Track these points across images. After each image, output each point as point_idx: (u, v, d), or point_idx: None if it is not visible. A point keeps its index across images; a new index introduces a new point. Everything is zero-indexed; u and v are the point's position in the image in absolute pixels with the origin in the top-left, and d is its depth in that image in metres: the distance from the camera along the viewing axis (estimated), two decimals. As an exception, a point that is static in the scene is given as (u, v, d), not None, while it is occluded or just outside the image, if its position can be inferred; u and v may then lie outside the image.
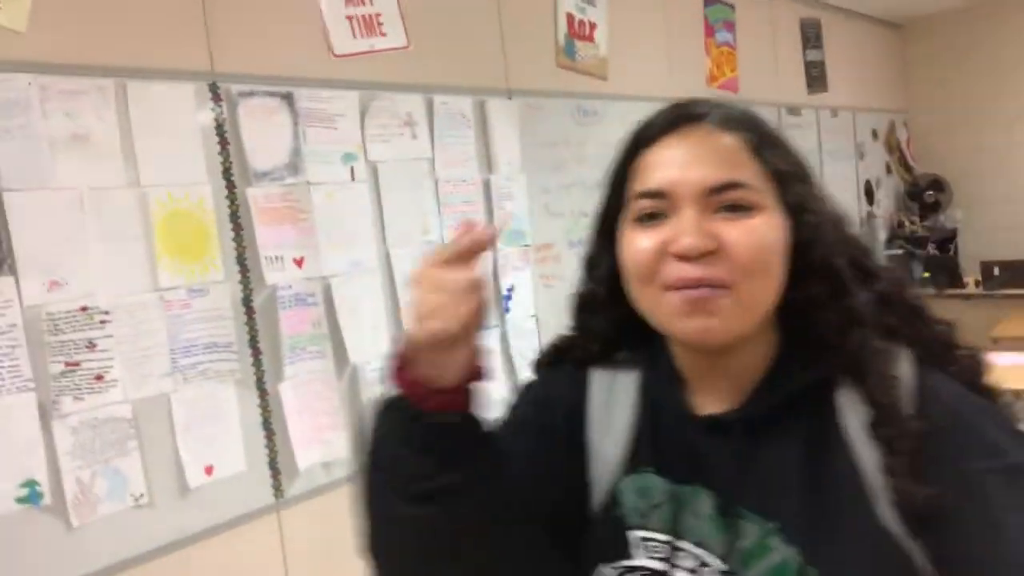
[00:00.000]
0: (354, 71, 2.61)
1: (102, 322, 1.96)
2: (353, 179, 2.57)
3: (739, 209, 0.69)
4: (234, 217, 2.26)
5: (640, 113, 0.82)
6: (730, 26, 4.56)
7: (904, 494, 0.64)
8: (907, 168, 6.55)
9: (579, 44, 3.56)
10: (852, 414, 0.70)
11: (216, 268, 2.20)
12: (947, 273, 5.13)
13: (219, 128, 2.25)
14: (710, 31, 4.42)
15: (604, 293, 0.80)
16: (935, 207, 6.26)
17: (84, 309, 1.94)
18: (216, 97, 2.25)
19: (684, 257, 0.68)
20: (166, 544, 2.06)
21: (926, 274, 5.23)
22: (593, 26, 3.63)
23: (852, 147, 5.86)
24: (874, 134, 6.16)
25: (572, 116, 3.48)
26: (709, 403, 0.77)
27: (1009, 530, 0.62)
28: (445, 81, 2.90)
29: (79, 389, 1.91)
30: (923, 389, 0.69)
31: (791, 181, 0.72)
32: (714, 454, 0.73)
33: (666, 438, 0.77)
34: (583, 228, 0.88)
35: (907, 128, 6.59)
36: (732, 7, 4.56)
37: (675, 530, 0.73)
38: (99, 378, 1.95)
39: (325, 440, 2.43)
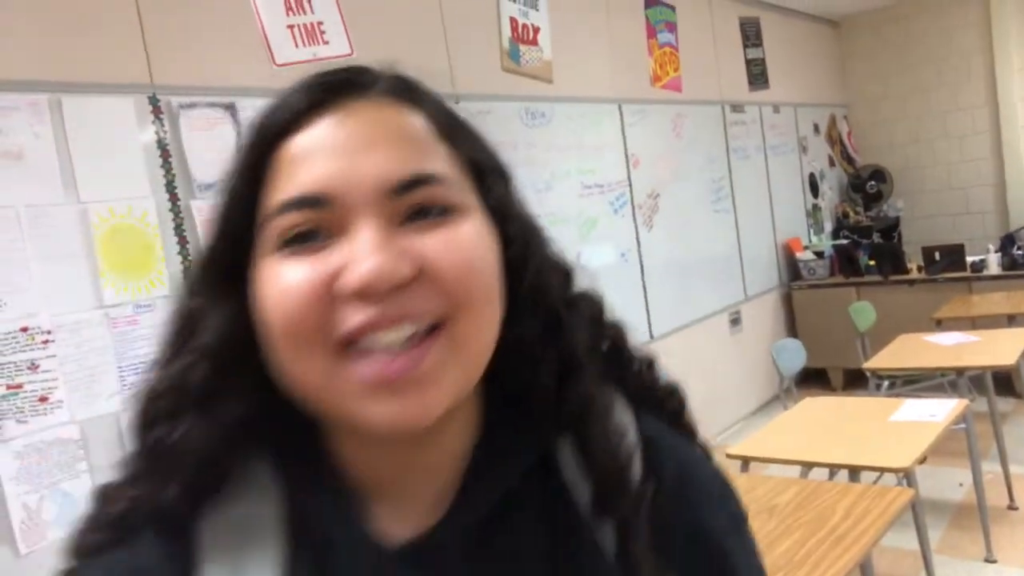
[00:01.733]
0: (298, 80, 2.58)
1: (44, 342, 1.92)
2: (301, 188, 2.55)
3: (437, 214, 0.46)
4: (179, 230, 2.23)
5: (587, 114, 0.69)
6: (671, 27, 4.64)
7: None
8: (849, 160, 6.73)
9: (523, 48, 3.59)
10: (578, 486, 0.53)
11: (163, 283, 2.16)
12: (892, 260, 5.28)
13: (160, 141, 2.22)
14: (652, 32, 4.49)
15: (205, 380, 0.47)
16: (878, 197, 6.44)
17: (25, 330, 1.89)
18: (156, 110, 2.22)
19: (368, 293, 0.43)
20: (121, 567, 2.01)
21: (872, 262, 5.37)
22: (536, 30, 3.66)
23: (795, 141, 6.00)
24: (816, 128, 6.32)
25: (520, 119, 3.51)
26: (399, 518, 0.51)
27: (744, 570, 0.56)
28: (390, 87, 2.90)
29: (22, 412, 1.86)
30: (647, 442, 0.55)
31: (493, 177, 0.52)
32: None
33: None
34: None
35: (847, 121, 6.77)
36: (673, 8, 4.64)
37: None
38: (43, 399, 1.90)
39: (282, 452, 2.40)
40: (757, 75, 5.52)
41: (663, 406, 0.59)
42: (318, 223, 0.45)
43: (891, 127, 6.60)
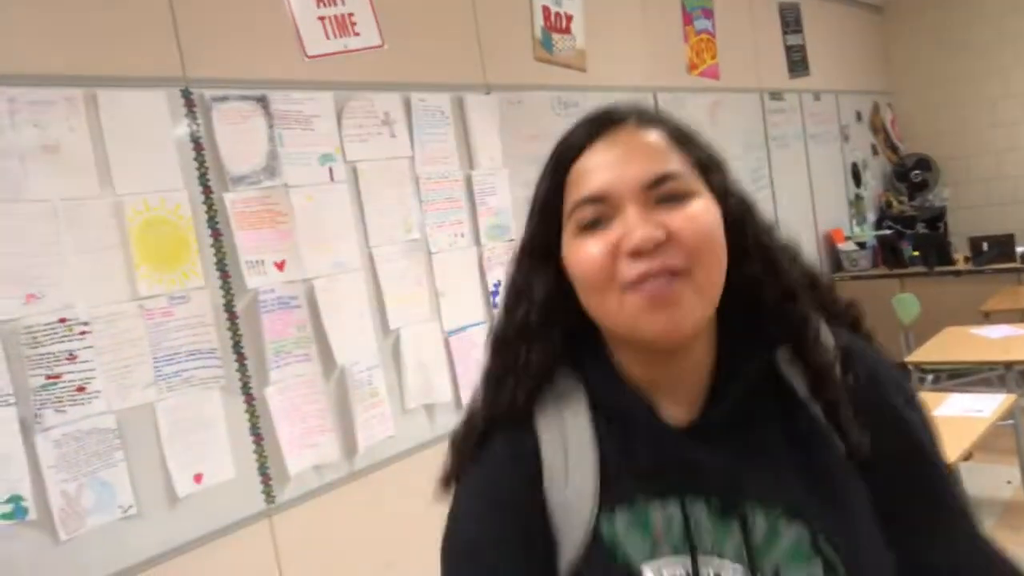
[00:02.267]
0: (329, 71, 2.59)
1: (82, 333, 1.95)
2: (332, 180, 2.55)
3: (676, 198, 0.70)
4: (212, 222, 2.25)
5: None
6: (708, 13, 4.56)
7: (855, 445, 0.72)
8: (893, 149, 6.55)
9: (556, 36, 3.56)
10: (797, 381, 0.75)
11: (196, 274, 2.18)
12: (937, 251, 5.13)
13: (193, 134, 2.24)
14: (688, 19, 4.41)
15: (539, 320, 0.76)
16: (923, 186, 6.26)
17: (63, 321, 1.92)
18: (189, 103, 2.24)
19: (639, 252, 0.68)
20: (157, 555, 2.04)
21: (916, 253, 5.23)
22: (569, 18, 3.62)
23: (836, 130, 5.86)
24: (858, 116, 6.17)
25: (552, 108, 3.47)
26: (670, 409, 0.75)
27: (922, 434, 0.77)
28: (422, 78, 2.89)
29: (61, 401, 1.89)
30: (843, 349, 0.76)
31: (713, 169, 0.75)
32: (703, 460, 0.71)
33: (643, 458, 0.73)
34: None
35: (891, 109, 6.59)
36: (709, -6, 4.55)
37: (685, 550, 0.70)
38: (81, 389, 1.93)
39: (315, 443, 2.42)
40: (797, 62, 5.40)
41: (845, 317, 0.82)
42: (601, 214, 0.71)
43: (937, 114, 6.41)
